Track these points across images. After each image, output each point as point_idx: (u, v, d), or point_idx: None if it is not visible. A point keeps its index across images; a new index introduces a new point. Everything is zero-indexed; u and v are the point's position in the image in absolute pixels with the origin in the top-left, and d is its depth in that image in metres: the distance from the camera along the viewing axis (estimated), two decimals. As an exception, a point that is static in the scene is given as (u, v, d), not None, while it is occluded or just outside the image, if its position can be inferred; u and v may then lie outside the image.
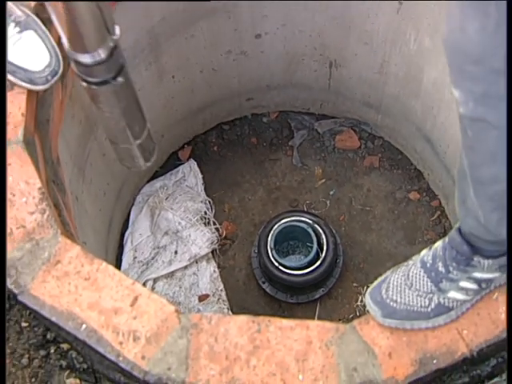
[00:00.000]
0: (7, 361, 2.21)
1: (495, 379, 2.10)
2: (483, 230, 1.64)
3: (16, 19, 2.06)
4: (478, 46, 1.29)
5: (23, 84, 2.07)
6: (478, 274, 1.77)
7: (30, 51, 2.05)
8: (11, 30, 2.04)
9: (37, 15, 2.12)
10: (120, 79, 1.73)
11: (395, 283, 1.86)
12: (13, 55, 2.04)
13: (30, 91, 2.10)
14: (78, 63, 1.67)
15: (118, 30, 1.68)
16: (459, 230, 1.77)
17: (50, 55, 2.08)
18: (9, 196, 1.96)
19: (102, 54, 1.67)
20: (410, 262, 1.89)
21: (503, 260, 1.74)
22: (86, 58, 1.64)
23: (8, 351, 2.23)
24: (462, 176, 1.60)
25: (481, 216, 1.61)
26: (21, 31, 2.05)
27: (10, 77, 2.07)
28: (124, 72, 1.76)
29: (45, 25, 2.12)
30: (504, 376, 2.11)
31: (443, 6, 2.63)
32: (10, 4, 2.08)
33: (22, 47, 2.04)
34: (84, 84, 1.74)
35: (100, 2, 1.66)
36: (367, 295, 1.88)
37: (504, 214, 1.56)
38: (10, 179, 1.97)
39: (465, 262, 1.76)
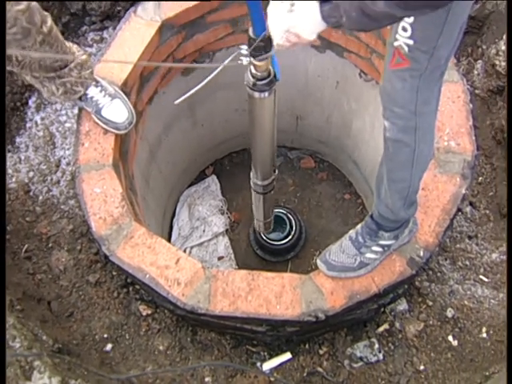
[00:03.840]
0: (105, 294, 2.23)
1: (391, 305, 2.13)
2: (390, 212, 1.68)
3: (109, 92, 2.07)
4: (402, 97, 1.36)
5: (112, 130, 2.08)
6: (382, 242, 1.81)
7: (116, 111, 2.06)
8: (106, 99, 2.05)
9: (121, 90, 2.13)
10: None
11: (334, 250, 1.88)
12: (107, 113, 2.05)
13: (116, 134, 2.11)
14: (256, 184, 2.17)
15: (276, 171, 2.15)
16: (371, 215, 1.81)
17: (128, 112, 2.09)
18: (103, 198, 1.96)
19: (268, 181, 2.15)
20: (343, 238, 1.92)
21: (396, 232, 1.79)
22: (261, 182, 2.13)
23: (105, 288, 2.25)
24: (380, 179, 1.65)
25: (390, 203, 1.65)
26: (111, 99, 2.06)
27: (104, 126, 2.07)
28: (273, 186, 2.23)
29: (126, 95, 2.14)
30: (398, 302, 2.14)
31: (363, 86, 2.64)
32: (105, 83, 2.09)
33: (112, 109, 2.05)
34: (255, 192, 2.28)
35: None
36: (318, 259, 1.90)
37: (404, 202, 1.64)
38: (104, 187, 1.98)
39: (374, 235, 1.80)
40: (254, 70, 1.52)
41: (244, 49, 1.47)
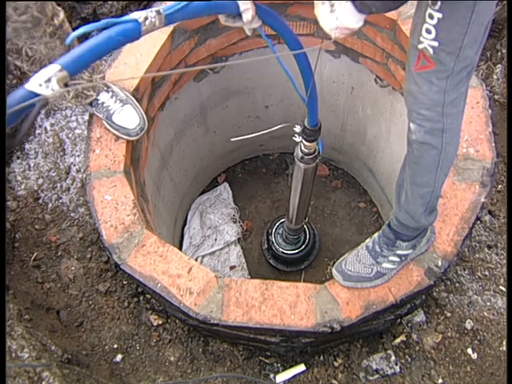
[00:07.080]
0: (115, 304, 2.24)
1: (408, 316, 2.12)
2: (410, 219, 1.67)
3: (120, 98, 2.08)
4: (429, 99, 1.37)
5: (123, 136, 2.10)
6: (399, 252, 1.80)
7: (127, 117, 2.08)
8: (117, 104, 2.07)
9: (133, 95, 2.15)
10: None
11: (350, 260, 1.88)
12: (118, 119, 2.07)
13: (127, 141, 2.12)
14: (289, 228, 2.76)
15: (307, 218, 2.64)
16: (388, 224, 1.80)
17: (139, 118, 2.11)
18: (115, 205, 1.97)
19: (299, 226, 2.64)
20: (359, 247, 1.91)
21: (413, 242, 1.79)
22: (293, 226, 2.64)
23: (116, 298, 2.26)
24: (400, 185, 1.65)
25: (411, 209, 1.64)
26: (123, 105, 2.08)
27: (115, 132, 2.09)
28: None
29: (137, 101, 2.15)
30: (415, 313, 2.13)
31: (379, 92, 2.64)
32: (116, 89, 2.11)
33: (123, 115, 2.06)
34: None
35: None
36: (333, 268, 1.90)
37: (425, 208, 1.63)
38: (115, 195, 1.99)
39: (391, 244, 1.80)
40: (303, 148, 2.00)
41: (297, 127, 1.96)
